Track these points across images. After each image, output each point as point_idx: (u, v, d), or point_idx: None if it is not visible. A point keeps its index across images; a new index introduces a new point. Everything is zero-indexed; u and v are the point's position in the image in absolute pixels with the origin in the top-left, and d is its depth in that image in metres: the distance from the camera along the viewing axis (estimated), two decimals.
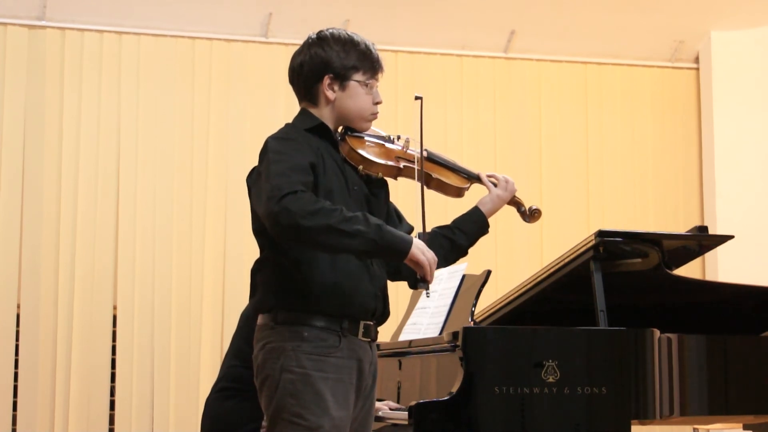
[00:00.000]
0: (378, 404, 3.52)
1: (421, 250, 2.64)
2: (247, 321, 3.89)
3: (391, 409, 3.70)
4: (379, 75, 2.88)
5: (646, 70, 7.44)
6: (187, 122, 6.66)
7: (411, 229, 3.00)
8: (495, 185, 3.10)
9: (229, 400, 3.73)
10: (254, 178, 2.76)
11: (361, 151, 2.84)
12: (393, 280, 2.98)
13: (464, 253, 3.08)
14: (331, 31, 2.88)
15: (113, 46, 6.58)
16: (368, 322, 2.77)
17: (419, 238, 2.74)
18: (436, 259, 2.67)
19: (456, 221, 3.06)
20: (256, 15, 6.78)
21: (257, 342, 2.77)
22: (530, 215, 3.15)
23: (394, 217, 2.98)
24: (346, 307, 2.72)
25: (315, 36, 2.87)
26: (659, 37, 7.31)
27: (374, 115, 2.88)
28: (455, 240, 3.02)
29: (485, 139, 7.12)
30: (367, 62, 2.85)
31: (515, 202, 3.15)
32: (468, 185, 3.06)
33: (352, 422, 2.75)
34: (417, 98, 2.91)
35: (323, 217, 2.55)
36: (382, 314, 2.83)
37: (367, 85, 2.85)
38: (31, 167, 6.36)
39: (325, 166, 2.75)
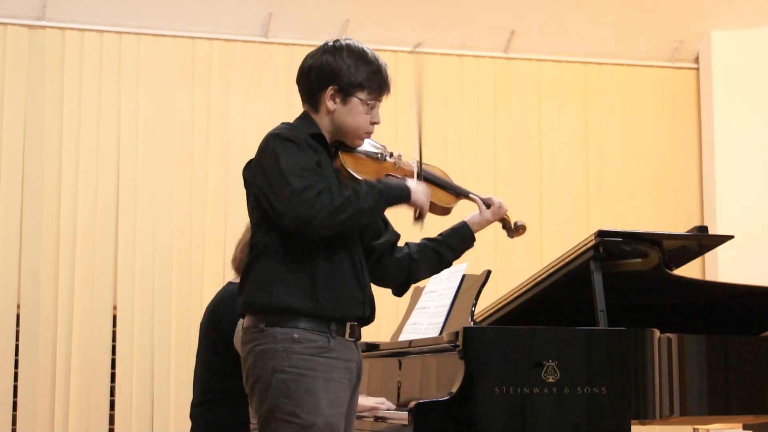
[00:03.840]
0: None
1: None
2: (207, 332, 3.89)
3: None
4: (384, 97, 2.88)
5: (646, 70, 7.44)
6: (187, 122, 6.66)
7: (398, 236, 3.04)
8: (488, 206, 3.09)
9: (214, 411, 3.74)
10: (255, 173, 2.76)
11: (351, 171, 2.86)
12: (378, 285, 3.03)
13: (449, 266, 3.12)
14: (348, 42, 2.87)
15: (113, 46, 6.58)
16: (353, 323, 2.83)
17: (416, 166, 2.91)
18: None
19: (445, 236, 3.08)
20: (256, 15, 6.78)
21: (245, 344, 2.78)
22: (515, 230, 3.14)
23: (381, 223, 3.01)
24: (336, 312, 2.76)
25: (331, 43, 2.87)
26: (659, 37, 7.31)
27: (368, 134, 2.90)
28: (443, 255, 3.06)
29: (485, 139, 7.11)
30: (375, 83, 2.85)
31: (502, 219, 3.14)
32: (455, 203, 3.06)
33: None
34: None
35: (349, 207, 2.67)
36: (369, 318, 2.88)
37: (368, 105, 2.85)
38: (31, 167, 6.36)
39: (324, 169, 2.77)
